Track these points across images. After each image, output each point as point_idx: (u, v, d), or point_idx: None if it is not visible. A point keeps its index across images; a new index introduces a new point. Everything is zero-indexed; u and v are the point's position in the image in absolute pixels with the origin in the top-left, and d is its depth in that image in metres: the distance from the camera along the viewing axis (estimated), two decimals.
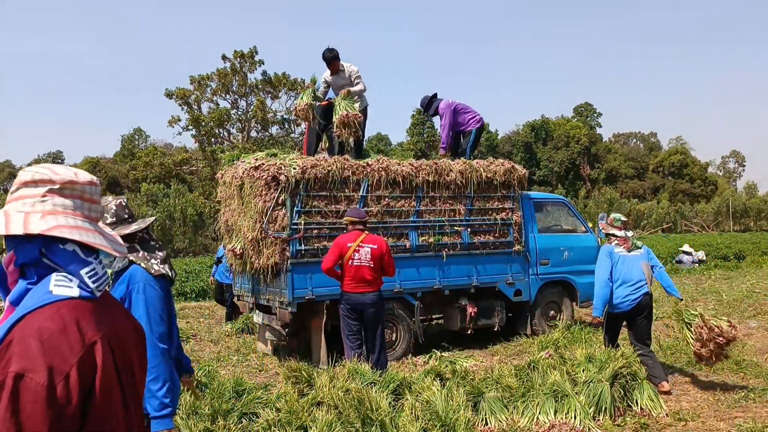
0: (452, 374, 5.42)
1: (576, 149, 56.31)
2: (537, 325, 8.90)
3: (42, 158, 63.06)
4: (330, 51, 7.97)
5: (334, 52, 7.98)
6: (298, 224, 7.08)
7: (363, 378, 5.07)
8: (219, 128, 36.31)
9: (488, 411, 4.89)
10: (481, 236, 8.29)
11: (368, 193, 7.49)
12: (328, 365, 6.29)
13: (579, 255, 9.33)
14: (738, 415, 5.11)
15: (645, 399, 5.20)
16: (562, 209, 9.90)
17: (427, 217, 7.89)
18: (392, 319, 7.71)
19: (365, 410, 4.42)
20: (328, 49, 8.00)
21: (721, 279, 16.34)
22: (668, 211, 47.80)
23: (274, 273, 7.14)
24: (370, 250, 6.11)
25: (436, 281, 7.95)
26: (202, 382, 5.05)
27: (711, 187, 62.18)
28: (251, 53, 35.53)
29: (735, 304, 11.48)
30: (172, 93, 35.09)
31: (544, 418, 4.85)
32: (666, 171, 63.40)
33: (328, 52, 7.96)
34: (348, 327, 6.24)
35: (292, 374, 5.21)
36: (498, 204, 8.42)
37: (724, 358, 5.83)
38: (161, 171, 41.27)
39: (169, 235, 32.38)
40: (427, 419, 4.52)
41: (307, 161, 7.24)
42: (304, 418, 4.35)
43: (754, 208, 52.69)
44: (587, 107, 65.61)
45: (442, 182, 7.95)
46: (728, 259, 21.81)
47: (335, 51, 8.00)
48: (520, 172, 8.61)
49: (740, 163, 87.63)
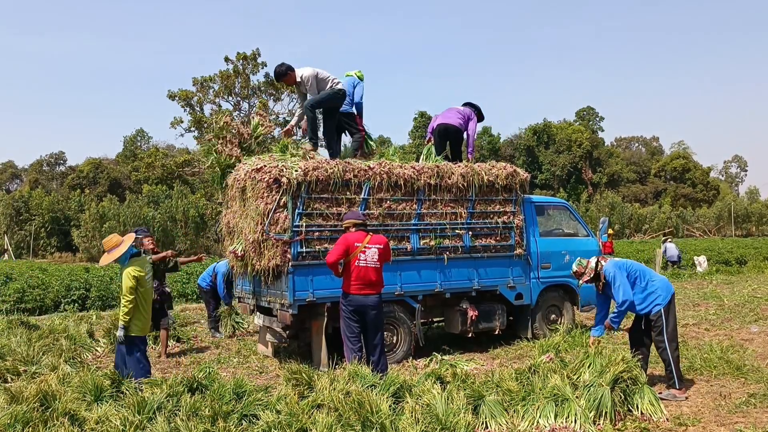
0: (453, 377, 5.41)
1: (578, 153, 56.33)
2: (538, 328, 8.89)
3: (44, 159, 63.13)
4: (278, 67, 7.99)
5: (281, 67, 7.94)
6: (300, 226, 7.08)
7: (363, 381, 5.07)
8: None
9: (488, 414, 4.88)
10: (482, 239, 8.28)
11: (370, 195, 7.50)
12: (328, 367, 6.28)
13: None
14: (739, 420, 5.10)
15: (645, 403, 5.19)
16: (563, 213, 9.89)
17: (429, 220, 7.89)
18: (393, 322, 7.71)
19: (365, 413, 4.42)
20: (277, 65, 8.04)
21: (723, 284, 16.33)
22: (670, 216, 47.78)
23: (275, 275, 7.14)
24: (377, 251, 6.19)
25: (437, 284, 7.95)
26: (203, 384, 5.05)
27: (713, 192, 62.16)
28: (254, 55, 35.63)
29: (736, 309, 11.47)
30: (175, 94, 35.19)
31: (545, 422, 4.84)
32: (668, 175, 63.38)
33: (276, 68, 8.02)
34: (349, 329, 6.23)
35: (292, 376, 5.22)
36: (499, 207, 8.42)
37: None
38: (163, 172, 41.36)
39: (170, 237, 32.42)
40: (427, 422, 4.51)
41: (309, 164, 7.24)
42: (304, 421, 4.35)
43: (756, 213, 52.65)
44: (589, 111, 65.67)
45: (444, 185, 7.95)
46: (730, 264, 21.80)
47: (284, 66, 7.94)
48: (521, 175, 8.61)
49: (742, 168, 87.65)
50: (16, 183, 67.28)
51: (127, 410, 4.40)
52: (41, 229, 41.16)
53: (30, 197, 43.05)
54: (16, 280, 14.39)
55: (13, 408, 4.35)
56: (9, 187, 64.54)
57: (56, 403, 4.49)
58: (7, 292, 13.42)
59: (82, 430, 4.31)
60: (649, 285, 6.09)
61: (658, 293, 6.04)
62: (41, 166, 62.82)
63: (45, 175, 62.30)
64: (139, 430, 4.22)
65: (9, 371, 6.57)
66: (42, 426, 4.23)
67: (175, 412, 4.48)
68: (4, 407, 4.44)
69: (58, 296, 13.71)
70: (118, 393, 4.87)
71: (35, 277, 14.84)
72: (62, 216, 41.75)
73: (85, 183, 52.87)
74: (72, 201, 42.61)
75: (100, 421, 4.31)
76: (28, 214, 41.90)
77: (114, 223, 33.63)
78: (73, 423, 4.34)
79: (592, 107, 66.09)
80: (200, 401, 4.61)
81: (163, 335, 8.54)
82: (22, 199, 43.07)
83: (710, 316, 10.85)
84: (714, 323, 10.15)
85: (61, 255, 39.24)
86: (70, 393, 4.74)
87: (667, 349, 5.93)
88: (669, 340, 5.95)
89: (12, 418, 4.25)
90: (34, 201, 42.15)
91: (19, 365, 6.77)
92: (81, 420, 4.40)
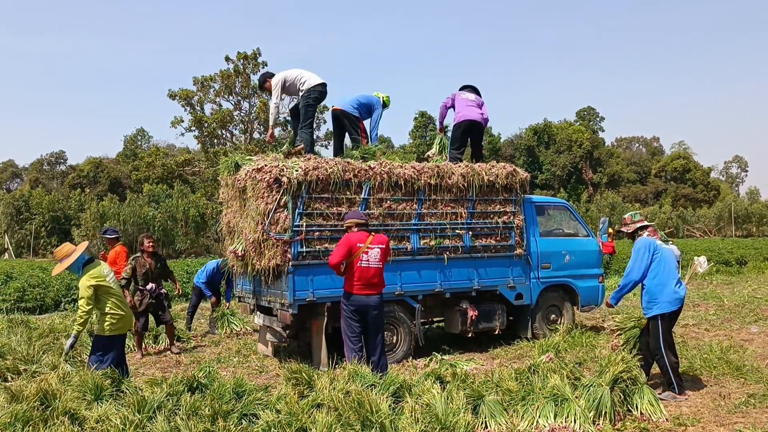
0: (452, 377, 5.42)
1: (578, 153, 56.27)
2: (538, 328, 8.89)
3: (45, 158, 63.14)
4: (258, 77, 8.63)
5: (260, 78, 8.60)
6: (300, 226, 7.08)
7: (363, 380, 5.08)
8: (222, 129, 36.34)
9: (488, 414, 4.88)
10: (482, 239, 8.28)
11: (370, 195, 7.50)
12: (328, 367, 6.29)
13: (580, 259, 9.33)
14: (738, 421, 5.10)
15: (645, 404, 5.19)
16: (563, 213, 9.89)
17: (429, 220, 7.89)
18: (393, 322, 7.71)
19: (365, 412, 4.42)
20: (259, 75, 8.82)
21: (723, 284, 16.33)
22: (670, 216, 47.75)
23: (275, 275, 7.15)
24: (379, 251, 6.19)
25: (438, 284, 7.95)
26: (203, 383, 5.06)
27: (713, 192, 62.09)
28: (254, 55, 35.58)
29: (736, 310, 11.48)
30: (176, 94, 35.14)
31: (544, 421, 4.85)
32: (668, 176, 63.32)
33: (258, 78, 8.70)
34: (350, 328, 6.23)
35: (292, 376, 5.22)
36: (500, 207, 8.42)
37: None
38: (164, 172, 41.32)
39: (171, 236, 32.41)
40: (427, 422, 4.51)
41: (309, 163, 7.25)
42: (304, 420, 4.36)
43: (756, 214, 52.60)
44: (590, 111, 65.62)
45: (444, 185, 7.95)
46: (730, 264, 21.79)
47: (261, 76, 8.60)
48: (522, 175, 8.61)
49: (743, 169, 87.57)
50: (17, 182, 67.29)
51: (127, 409, 4.40)
52: (41, 228, 41.15)
53: (30, 196, 43.04)
54: (17, 279, 14.38)
55: (14, 407, 4.35)
56: (9, 186, 64.55)
57: (56, 402, 4.49)
58: (8, 291, 13.42)
59: (82, 429, 4.32)
60: (657, 287, 5.95)
61: (659, 301, 5.93)
62: (42, 166, 62.81)
63: (45, 174, 62.28)
64: (139, 429, 4.23)
65: (9, 370, 6.57)
66: (42, 425, 4.23)
67: (175, 412, 4.48)
68: (5, 406, 4.44)
69: (59, 295, 13.70)
70: (118, 392, 4.87)
71: (35, 276, 14.84)
72: (63, 215, 41.73)
73: (86, 182, 52.84)
74: (72, 200, 42.60)
75: (100, 420, 4.31)
76: (29, 213, 41.89)
77: (114, 223, 33.60)
78: (73, 422, 4.34)
79: (593, 107, 66.07)
80: (200, 400, 4.62)
81: (169, 330, 8.67)
82: (22, 198, 43.06)
83: (710, 317, 10.86)
84: (714, 323, 10.16)
85: None
86: (70, 392, 4.74)
87: (663, 357, 5.89)
88: (665, 348, 5.91)
89: (12, 416, 4.25)
90: (34, 200, 42.15)
91: (19, 364, 6.77)
92: (81, 419, 4.41)
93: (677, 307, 5.96)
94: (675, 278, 5.98)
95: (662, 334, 5.92)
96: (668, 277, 5.96)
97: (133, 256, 8.54)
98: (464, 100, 8.91)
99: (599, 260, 9.72)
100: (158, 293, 8.48)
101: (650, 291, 6.03)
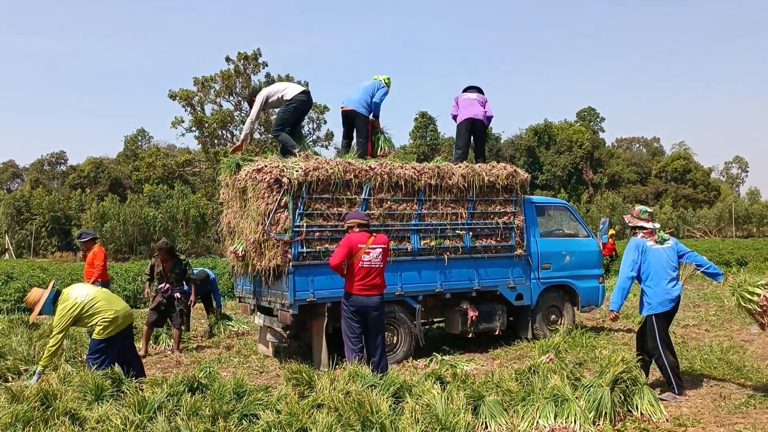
0: (453, 378, 5.41)
1: (579, 154, 56.29)
2: (538, 329, 8.90)
3: (45, 158, 63.17)
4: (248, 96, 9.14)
5: (249, 96, 8.91)
6: (300, 226, 7.09)
7: (363, 381, 5.08)
8: (222, 130, 36.37)
9: (488, 415, 4.88)
10: (482, 240, 8.29)
11: (370, 195, 7.51)
12: (328, 367, 6.29)
13: (581, 259, 9.34)
14: (738, 421, 5.11)
15: (645, 404, 5.19)
16: (564, 213, 9.90)
17: (429, 220, 7.89)
18: (393, 322, 7.72)
19: (365, 413, 4.42)
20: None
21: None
22: (671, 217, 47.75)
23: (275, 275, 7.15)
24: (381, 251, 6.18)
25: (438, 285, 7.96)
26: (203, 384, 5.06)
27: (714, 193, 62.10)
28: (255, 55, 35.62)
29: (737, 311, 11.45)
30: (176, 94, 35.19)
31: (544, 422, 4.85)
32: (669, 176, 63.33)
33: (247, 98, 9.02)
34: (350, 329, 6.23)
35: (292, 376, 5.22)
36: (500, 208, 8.43)
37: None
38: (164, 172, 41.38)
39: (171, 237, 32.42)
40: (427, 422, 4.52)
41: (310, 164, 7.25)
42: (304, 420, 4.36)
43: (757, 214, 52.62)
44: (590, 112, 65.61)
45: (445, 186, 7.95)
46: (730, 264, 21.77)
47: (251, 93, 8.96)
48: (522, 176, 8.61)
49: (743, 169, 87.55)
50: (17, 182, 67.32)
51: (127, 410, 4.40)
52: (42, 228, 41.20)
53: (31, 196, 43.10)
54: (17, 280, 14.39)
55: (14, 407, 4.36)
56: (10, 186, 64.60)
57: (57, 402, 4.50)
58: (8, 291, 13.43)
59: (83, 429, 4.32)
60: (648, 288, 5.99)
61: (651, 302, 5.97)
62: (42, 166, 62.83)
63: (46, 174, 62.31)
64: (140, 429, 4.23)
65: (10, 370, 6.58)
66: (43, 425, 4.24)
67: (175, 412, 4.49)
68: (5, 406, 4.44)
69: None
70: (118, 392, 4.87)
71: (36, 276, 14.84)
72: (63, 215, 41.79)
73: (86, 182, 52.88)
74: (73, 200, 42.67)
75: (101, 421, 4.32)
76: (29, 213, 41.94)
77: (115, 223, 33.66)
78: (74, 422, 4.34)
79: (593, 108, 66.01)
80: (200, 401, 4.62)
81: (176, 334, 8.66)
82: (23, 198, 43.11)
83: (710, 317, 10.86)
84: (714, 324, 10.17)
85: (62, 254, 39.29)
86: (71, 392, 4.75)
87: (662, 356, 5.89)
88: (663, 348, 5.91)
89: (13, 417, 4.26)
90: (35, 200, 42.20)
91: (19, 364, 6.78)
92: (82, 419, 4.41)
93: (669, 307, 5.96)
94: (668, 278, 5.96)
95: (658, 333, 5.93)
96: (659, 277, 5.96)
97: (154, 255, 9.16)
98: (465, 101, 8.98)
99: (599, 261, 9.72)
100: (171, 295, 8.51)
101: (643, 291, 6.09)
